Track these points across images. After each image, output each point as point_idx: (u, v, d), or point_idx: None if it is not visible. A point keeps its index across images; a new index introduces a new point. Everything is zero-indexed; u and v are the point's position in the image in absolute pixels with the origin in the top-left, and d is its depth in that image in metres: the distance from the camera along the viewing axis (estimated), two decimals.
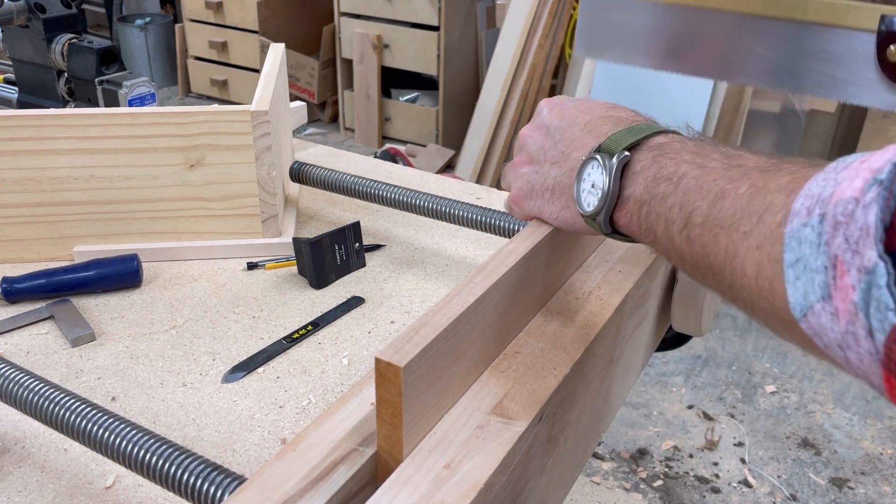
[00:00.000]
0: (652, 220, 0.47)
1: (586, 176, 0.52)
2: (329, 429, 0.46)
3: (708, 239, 0.42)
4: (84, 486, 0.59)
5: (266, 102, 0.87)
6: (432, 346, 0.44)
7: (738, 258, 0.39)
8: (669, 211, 0.45)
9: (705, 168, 0.44)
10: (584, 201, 0.52)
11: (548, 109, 0.60)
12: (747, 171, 0.42)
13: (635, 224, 0.49)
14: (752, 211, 0.39)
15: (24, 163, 0.85)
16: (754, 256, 0.38)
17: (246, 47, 3.99)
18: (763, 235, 0.38)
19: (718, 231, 0.41)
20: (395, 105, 3.62)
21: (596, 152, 0.51)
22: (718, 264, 0.41)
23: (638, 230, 0.49)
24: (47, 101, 1.18)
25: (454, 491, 0.42)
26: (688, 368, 2.21)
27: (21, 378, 0.55)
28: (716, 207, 0.42)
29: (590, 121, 0.56)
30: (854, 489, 1.81)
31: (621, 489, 1.80)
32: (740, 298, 0.41)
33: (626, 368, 0.72)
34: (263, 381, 0.72)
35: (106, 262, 0.84)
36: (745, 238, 0.39)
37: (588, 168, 0.52)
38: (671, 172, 0.46)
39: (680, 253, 0.45)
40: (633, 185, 0.49)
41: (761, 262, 0.38)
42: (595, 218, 0.51)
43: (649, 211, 0.47)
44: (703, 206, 0.43)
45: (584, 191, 0.52)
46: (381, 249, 0.95)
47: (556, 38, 2.94)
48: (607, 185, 0.49)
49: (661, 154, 0.48)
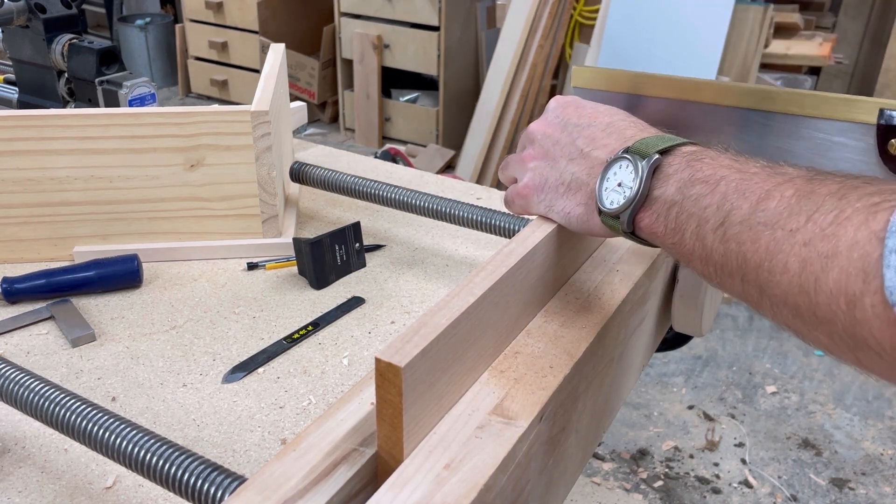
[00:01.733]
0: (682, 219, 0.48)
1: (612, 175, 0.53)
2: (329, 429, 0.46)
3: (747, 236, 0.43)
4: (84, 486, 0.59)
5: (266, 103, 0.87)
6: (432, 346, 0.44)
7: (780, 255, 0.41)
8: (704, 210, 0.47)
9: (746, 173, 0.46)
10: (606, 199, 0.53)
11: (562, 107, 0.61)
12: (791, 178, 0.44)
13: (660, 224, 0.50)
14: (801, 211, 0.41)
15: (25, 163, 0.85)
16: (800, 253, 0.40)
17: (246, 47, 3.99)
18: (811, 233, 0.40)
19: (761, 229, 0.43)
20: (395, 105, 3.62)
21: (625, 153, 0.53)
22: (755, 261, 0.43)
23: (663, 231, 0.50)
24: (47, 101, 1.18)
25: (454, 491, 0.42)
26: (688, 369, 2.21)
27: (21, 378, 0.55)
28: (759, 207, 0.43)
29: (611, 122, 0.57)
30: (855, 490, 1.81)
31: (622, 489, 1.80)
32: (770, 297, 0.43)
33: (627, 368, 0.72)
34: (264, 382, 0.72)
35: (106, 263, 0.84)
36: (790, 235, 0.41)
37: (615, 167, 0.53)
38: (708, 175, 0.48)
39: (708, 252, 0.46)
40: (664, 187, 0.50)
41: (808, 258, 0.40)
42: (617, 216, 0.52)
43: (680, 211, 0.49)
44: (744, 206, 0.44)
45: (607, 189, 0.53)
46: (382, 250, 0.95)
47: (557, 38, 2.94)
48: (638, 185, 0.51)
49: (695, 159, 0.50)
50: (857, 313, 0.37)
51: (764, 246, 0.42)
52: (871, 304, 0.37)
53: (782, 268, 0.41)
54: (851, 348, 0.39)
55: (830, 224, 0.39)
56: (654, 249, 0.70)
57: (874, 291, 0.36)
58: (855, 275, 0.37)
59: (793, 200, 0.42)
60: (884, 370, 0.38)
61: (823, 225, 0.39)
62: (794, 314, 0.41)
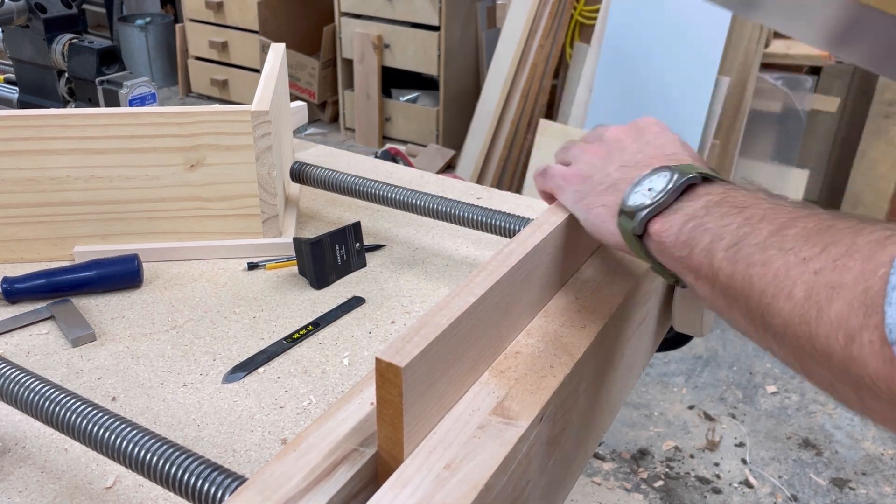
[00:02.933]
0: (697, 233, 0.48)
1: (647, 181, 0.54)
2: (329, 429, 0.46)
3: (758, 258, 0.43)
4: (84, 486, 0.59)
5: (266, 102, 0.87)
6: (433, 346, 0.44)
7: (787, 281, 0.41)
8: (723, 229, 0.47)
9: (777, 206, 0.47)
10: (630, 198, 0.53)
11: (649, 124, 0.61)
12: (818, 214, 0.44)
13: (671, 234, 0.50)
14: (817, 242, 0.41)
15: (25, 163, 0.85)
16: (808, 281, 0.40)
17: (246, 47, 3.99)
18: (823, 263, 0.39)
19: (774, 253, 0.43)
20: (395, 105, 3.62)
21: (669, 166, 0.53)
22: (761, 286, 0.43)
23: (672, 241, 0.50)
24: (48, 101, 1.18)
25: (455, 491, 0.42)
26: (689, 369, 2.21)
27: (22, 378, 0.55)
28: (779, 234, 0.43)
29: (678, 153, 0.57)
30: (855, 490, 1.81)
31: (622, 489, 1.80)
32: (770, 325, 0.42)
33: (627, 368, 0.72)
34: (264, 382, 0.72)
35: (106, 263, 0.84)
36: (802, 263, 0.41)
37: (653, 176, 0.54)
38: (739, 202, 0.48)
39: (715, 271, 0.46)
40: (691, 203, 0.51)
41: (815, 287, 0.39)
42: (633, 215, 0.52)
43: (697, 224, 0.49)
44: (764, 231, 0.44)
45: (636, 192, 0.54)
46: (382, 249, 0.95)
47: (557, 38, 2.94)
48: (665, 191, 0.51)
49: (733, 189, 0.50)
50: (854, 349, 0.36)
51: (773, 270, 0.42)
52: (868, 341, 0.36)
53: (787, 295, 0.41)
54: (852, 387, 0.38)
55: (842, 255, 0.39)
56: None
57: (874, 327, 0.36)
58: (857, 308, 0.37)
59: (812, 231, 0.42)
60: (885, 413, 0.37)
61: (836, 255, 0.39)
62: (794, 347, 0.41)
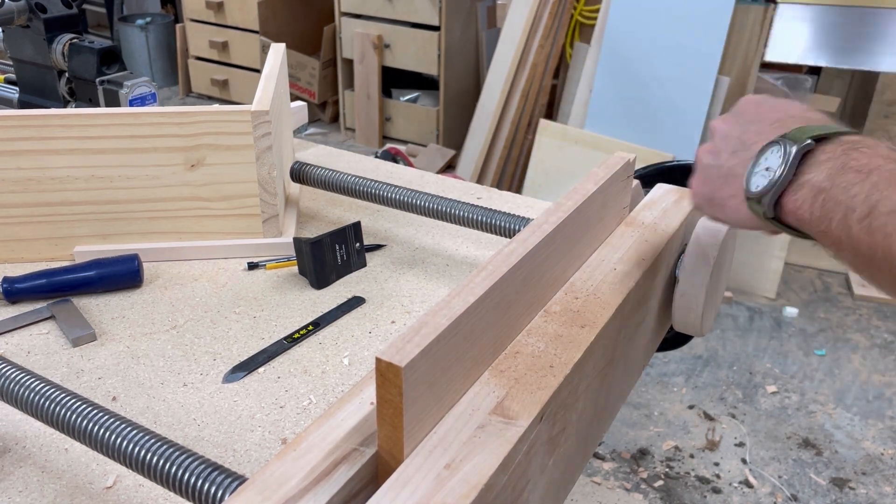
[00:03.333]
0: (829, 207, 0.48)
1: (763, 160, 0.53)
2: (330, 429, 0.46)
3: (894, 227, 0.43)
4: (85, 485, 0.59)
5: (267, 102, 0.87)
6: (433, 346, 0.44)
7: None
8: (852, 199, 0.46)
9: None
10: (752, 183, 0.53)
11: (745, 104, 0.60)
12: None
13: (806, 210, 0.49)
14: None
15: (25, 163, 0.85)
16: None
17: (246, 47, 3.99)
18: None
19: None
20: (395, 105, 3.62)
21: (779, 139, 0.52)
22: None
23: (809, 217, 0.49)
24: (48, 101, 1.18)
25: (455, 491, 0.42)
26: (689, 368, 2.21)
27: (22, 378, 0.55)
28: None
29: (781, 118, 0.56)
30: (855, 489, 1.81)
31: (622, 489, 1.80)
32: None
33: (627, 368, 0.72)
34: (264, 381, 0.72)
35: (106, 262, 0.84)
36: None
37: (767, 153, 0.52)
38: (862, 164, 0.47)
39: (856, 243, 0.46)
40: (814, 172, 0.49)
41: None
42: (760, 200, 0.51)
43: (827, 198, 0.48)
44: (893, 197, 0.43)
45: (755, 174, 0.53)
46: (382, 249, 0.95)
47: (557, 38, 2.94)
48: (782, 168, 0.50)
49: (853, 148, 0.49)
50: None
51: None
52: None
53: None
54: None
55: None
56: (654, 250, 0.70)
57: None
58: None
59: None
60: None
61: None
62: None
